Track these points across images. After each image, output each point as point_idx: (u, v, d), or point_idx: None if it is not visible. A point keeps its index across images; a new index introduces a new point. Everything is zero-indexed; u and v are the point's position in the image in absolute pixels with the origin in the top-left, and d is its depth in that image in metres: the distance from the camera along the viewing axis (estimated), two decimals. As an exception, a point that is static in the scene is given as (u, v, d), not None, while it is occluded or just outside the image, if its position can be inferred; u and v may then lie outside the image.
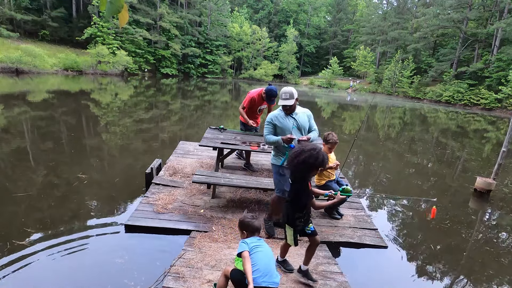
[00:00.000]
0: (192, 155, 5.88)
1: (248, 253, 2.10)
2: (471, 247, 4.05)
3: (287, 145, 3.02)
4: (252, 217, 2.29)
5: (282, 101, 3.05)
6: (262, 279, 2.04)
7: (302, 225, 2.47)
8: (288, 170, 3.21)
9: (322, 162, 2.25)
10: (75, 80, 22.67)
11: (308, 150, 2.24)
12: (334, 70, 44.74)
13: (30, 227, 3.40)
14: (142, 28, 33.56)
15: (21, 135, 7.43)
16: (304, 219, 2.47)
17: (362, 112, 19.70)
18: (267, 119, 3.19)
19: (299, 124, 3.12)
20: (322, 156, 2.25)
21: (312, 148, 2.26)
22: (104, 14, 18.14)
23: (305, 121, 3.16)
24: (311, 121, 3.24)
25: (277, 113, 3.18)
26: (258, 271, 2.05)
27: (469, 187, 6.17)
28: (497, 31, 29.96)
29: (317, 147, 2.29)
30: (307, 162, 2.24)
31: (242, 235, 2.29)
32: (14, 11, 27.94)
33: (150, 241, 3.30)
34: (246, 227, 2.25)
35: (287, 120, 3.12)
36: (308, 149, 2.26)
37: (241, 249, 2.12)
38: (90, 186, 4.67)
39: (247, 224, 2.24)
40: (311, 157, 2.22)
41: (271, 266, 2.15)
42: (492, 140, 13.30)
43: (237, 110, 8.80)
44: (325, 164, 2.28)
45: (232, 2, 50.86)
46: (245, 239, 2.22)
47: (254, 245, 2.17)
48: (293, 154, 2.29)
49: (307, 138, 3.07)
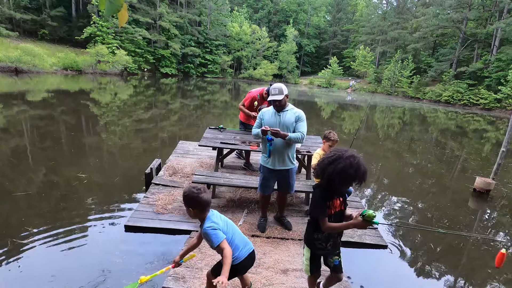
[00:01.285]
0: (191, 155, 5.87)
1: (226, 241, 1.87)
2: (470, 246, 4.05)
3: (265, 137, 3.06)
4: (199, 190, 1.88)
5: (272, 96, 3.07)
6: (243, 251, 2.00)
7: (322, 250, 2.06)
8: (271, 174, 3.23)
9: (363, 175, 1.79)
10: (75, 80, 22.63)
11: (347, 158, 1.78)
12: (333, 70, 44.74)
13: (30, 227, 3.40)
14: (142, 27, 33.51)
15: (20, 134, 7.41)
16: (326, 244, 2.04)
17: (361, 112, 19.71)
18: (259, 114, 3.29)
19: (282, 121, 3.11)
20: (364, 167, 1.79)
21: (351, 155, 1.80)
22: (103, 14, 18.15)
23: (289, 120, 3.11)
24: (298, 123, 3.10)
25: (268, 109, 3.26)
26: (237, 247, 1.96)
27: (468, 187, 6.18)
28: (496, 31, 29.98)
29: (356, 154, 1.83)
30: (347, 173, 1.77)
31: (190, 212, 1.90)
32: (13, 10, 27.88)
33: (149, 242, 3.29)
34: (193, 203, 1.86)
35: (274, 116, 3.15)
36: (347, 156, 1.80)
37: (218, 239, 1.84)
38: (89, 186, 4.66)
39: (195, 200, 1.85)
40: (351, 167, 1.76)
41: (240, 233, 2.07)
42: (492, 140, 13.32)
43: (236, 110, 8.80)
44: (366, 178, 1.81)
45: (232, 2, 50.81)
46: (206, 220, 1.89)
47: (222, 222, 1.95)
48: (327, 159, 1.85)
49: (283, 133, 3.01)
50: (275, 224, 3.65)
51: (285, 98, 3.10)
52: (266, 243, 3.26)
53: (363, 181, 1.82)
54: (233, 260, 1.92)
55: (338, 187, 1.89)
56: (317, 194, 1.98)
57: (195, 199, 1.85)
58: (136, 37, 32.66)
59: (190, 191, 1.86)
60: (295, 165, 3.34)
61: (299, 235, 3.44)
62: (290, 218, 3.75)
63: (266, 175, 3.28)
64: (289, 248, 3.22)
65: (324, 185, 1.91)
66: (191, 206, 1.87)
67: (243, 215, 3.79)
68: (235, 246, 1.95)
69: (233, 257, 1.92)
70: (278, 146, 3.12)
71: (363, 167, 1.78)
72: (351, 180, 1.81)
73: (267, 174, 3.27)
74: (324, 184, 1.91)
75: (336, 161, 1.80)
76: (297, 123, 3.11)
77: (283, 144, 3.12)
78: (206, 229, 1.86)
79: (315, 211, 1.99)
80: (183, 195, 1.90)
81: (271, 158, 3.18)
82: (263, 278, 2.67)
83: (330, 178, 1.81)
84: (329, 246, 2.04)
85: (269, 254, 3.05)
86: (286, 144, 3.13)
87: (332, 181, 1.82)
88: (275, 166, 3.20)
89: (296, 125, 3.10)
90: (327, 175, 1.83)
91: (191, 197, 1.85)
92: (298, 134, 3.06)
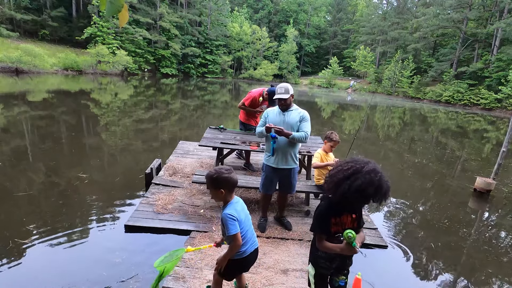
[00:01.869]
0: (192, 155, 5.87)
1: (239, 235, 1.85)
2: (470, 246, 4.05)
3: (269, 134, 3.09)
4: (228, 170, 1.85)
5: (278, 95, 3.12)
6: (251, 246, 1.98)
7: (326, 269, 1.83)
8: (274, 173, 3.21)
9: (385, 195, 1.54)
10: (75, 80, 22.65)
11: (366, 173, 1.52)
12: (334, 70, 44.75)
13: (30, 226, 3.41)
14: (142, 27, 33.55)
15: (21, 135, 7.42)
16: (331, 263, 1.81)
17: (362, 112, 19.70)
18: (263, 113, 3.32)
19: (286, 120, 3.14)
20: (386, 185, 1.53)
21: (372, 170, 1.53)
22: (104, 14, 18.17)
23: (293, 119, 3.14)
24: (303, 122, 3.13)
25: (273, 108, 3.29)
26: (247, 241, 1.93)
27: (469, 187, 6.17)
28: (497, 31, 29.97)
29: (378, 169, 1.56)
30: (365, 192, 1.51)
31: (218, 194, 1.85)
32: (14, 11, 27.92)
33: (150, 242, 3.29)
34: (224, 183, 1.82)
35: (278, 115, 3.18)
36: (367, 171, 1.52)
37: (233, 230, 1.81)
38: (90, 186, 4.67)
39: (225, 179, 1.82)
40: (371, 185, 1.50)
41: (252, 226, 2.02)
42: (492, 140, 13.31)
43: (237, 110, 8.80)
44: (387, 197, 1.55)
45: (232, 2, 50.84)
46: (229, 205, 1.88)
47: (243, 214, 1.92)
48: (343, 172, 1.59)
49: (287, 132, 3.05)
50: (275, 224, 3.65)
51: (291, 97, 3.14)
52: (266, 243, 3.26)
53: (384, 201, 1.56)
54: (242, 253, 1.94)
55: (353, 204, 1.65)
56: (322, 208, 1.73)
57: (226, 179, 1.82)
58: (137, 37, 32.71)
59: (221, 172, 1.83)
60: (297, 165, 3.36)
61: (299, 235, 3.44)
62: (290, 218, 3.75)
63: (269, 174, 3.29)
64: (289, 248, 3.22)
65: (334, 200, 1.65)
66: (222, 187, 1.83)
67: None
68: (246, 239, 1.95)
69: (242, 250, 1.93)
70: (282, 145, 3.14)
71: (385, 185, 1.52)
72: (369, 199, 1.55)
73: (270, 173, 3.28)
74: (335, 199, 1.64)
75: (353, 175, 1.53)
76: (301, 122, 3.14)
77: (287, 143, 3.14)
78: (226, 214, 1.83)
79: (314, 225, 1.76)
80: (212, 177, 1.83)
81: (274, 157, 3.20)
82: (263, 278, 2.67)
83: (345, 196, 1.55)
84: (334, 265, 1.81)
85: (269, 254, 3.05)
86: (289, 143, 3.15)
87: (346, 198, 1.56)
88: (278, 165, 3.21)
89: (300, 124, 3.13)
90: (341, 192, 1.56)
91: (223, 178, 1.81)
92: (302, 134, 3.09)
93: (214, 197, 1.90)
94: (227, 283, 2.45)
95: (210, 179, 1.84)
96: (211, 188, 1.86)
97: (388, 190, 1.55)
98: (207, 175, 1.87)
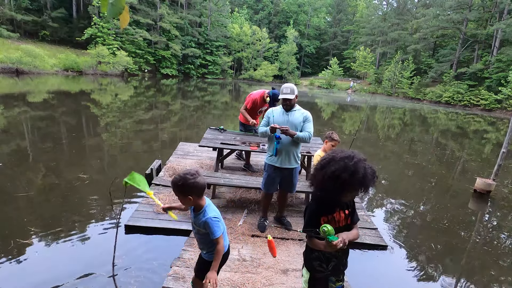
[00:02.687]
0: (192, 156, 5.88)
1: (222, 236, 1.81)
2: (470, 247, 4.05)
3: (273, 135, 3.11)
4: (194, 174, 1.74)
5: (283, 95, 3.14)
6: (227, 241, 1.98)
7: (322, 272, 1.71)
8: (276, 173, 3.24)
9: (363, 180, 1.45)
10: (75, 81, 22.67)
11: (341, 159, 1.47)
12: (334, 71, 44.76)
13: (31, 226, 3.41)
14: (142, 28, 33.59)
15: (21, 135, 7.43)
16: (327, 265, 1.70)
17: (362, 113, 19.71)
18: (266, 113, 3.34)
19: (290, 120, 3.17)
20: (363, 170, 1.44)
21: (347, 156, 1.48)
22: (105, 15, 18.16)
23: (297, 119, 3.18)
24: (306, 123, 3.18)
25: (275, 108, 3.31)
26: (225, 237, 1.93)
27: (469, 188, 6.18)
28: (496, 32, 29.98)
29: (357, 156, 1.50)
30: (339, 178, 1.44)
31: (187, 201, 1.75)
32: (14, 12, 27.95)
33: (150, 242, 3.30)
34: (191, 189, 1.72)
35: (282, 115, 3.21)
36: (341, 157, 1.48)
37: (220, 232, 1.78)
38: (91, 186, 4.67)
39: (192, 185, 1.71)
40: (345, 170, 1.44)
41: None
42: (492, 141, 13.31)
43: (237, 111, 8.82)
44: (368, 183, 1.47)
45: (232, 3, 50.91)
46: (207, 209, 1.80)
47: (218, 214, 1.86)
48: (320, 163, 1.58)
49: (292, 132, 3.08)
50: (275, 224, 3.66)
51: (295, 98, 3.18)
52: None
53: (365, 187, 1.47)
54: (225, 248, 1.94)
55: (335, 196, 1.55)
56: (312, 207, 1.67)
57: (193, 184, 1.71)
58: (137, 38, 32.74)
59: (186, 178, 1.71)
60: (299, 164, 3.38)
61: (299, 235, 3.45)
62: (290, 218, 3.76)
63: (272, 173, 3.30)
64: (289, 248, 3.23)
65: (317, 196, 1.62)
66: (190, 193, 1.73)
67: (243, 215, 3.80)
68: (224, 234, 1.95)
69: (226, 244, 1.94)
70: (286, 145, 3.17)
71: (363, 171, 1.43)
72: (349, 187, 1.47)
73: (273, 173, 3.29)
74: (317, 194, 1.61)
75: (328, 164, 1.50)
76: (304, 123, 3.19)
77: (291, 143, 3.17)
78: (211, 219, 1.77)
79: (304, 225, 1.68)
80: (177, 184, 1.72)
81: (277, 157, 3.22)
82: (263, 278, 2.68)
83: (322, 186, 1.52)
84: (330, 267, 1.71)
85: (269, 254, 3.05)
86: (293, 143, 3.19)
87: (324, 189, 1.51)
88: (281, 165, 3.24)
89: (303, 125, 3.18)
90: (317, 183, 1.54)
91: (190, 184, 1.70)
92: (306, 134, 3.14)
93: (184, 203, 1.81)
94: (227, 283, 2.46)
95: (176, 186, 1.73)
96: (179, 195, 1.76)
97: (367, 175, 1.44)
98: (173, 182, 1.75)
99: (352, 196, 1.62)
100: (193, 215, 1.86)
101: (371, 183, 1.47)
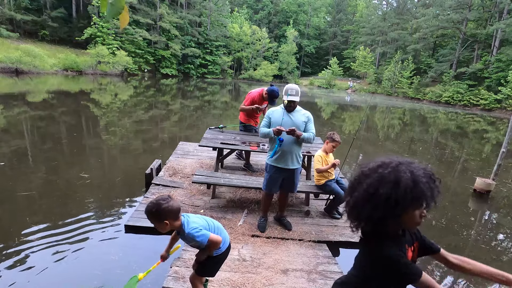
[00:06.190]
0: (192, 155, 5.88)
1: (213, 235, 1.89)
2: (470, 247, 4.06)
3: (277, 137, 3.08)
4: (167, 199, 1.74)
5: (290, 96, 3.10)
6: (226, 240, 2.06)
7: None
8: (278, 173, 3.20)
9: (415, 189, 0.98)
10: (75, 80, 22.66)
11: (372, 171, 1.07)
12: (333, 71, 44.76)
13: (32, 226, 3.42)
14: (142, 28, 33.56)
15: (21, 135, 7.43)
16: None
17: (361, 113, 19.71)
18: (266, 113, 3.30)
19: (293, 121, 3.15)
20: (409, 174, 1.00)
21: (380, 165, 1.07)
22: (105, 15, 18.13)
23: (299, 120, 3.17)
24: (308, 124, 3.19)
25: (276, 108, 3.28)
26: (224, 239, 2.01)
27: (468, 188, 6.18)
28: (496, 32, 29.98)
29: (395, 159, 1.10)
30: (376, 197, 1.01)
31: (163, 226, 1.74)
32: (14, 11, 27.92)
33: (150, 242, 3.30)
34: (166, 214, 1.71)
35: (283, 116, 3.18)
36: (374, 167, 1.08)
37: (205, 237, 1.84)
38: (91, 186, 4.68)
39: (167, 210, 1.71)
40: (383, 183, 1.01)
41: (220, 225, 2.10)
42: (492, 140, 13.32)
43: (236, 110, 8.81)
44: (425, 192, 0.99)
45: (232, 3, 50.88)
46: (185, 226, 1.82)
47: (201, 220, 1.94)
48: (348, 186, 1.15)
49: (299, 132, 3.06)
50: (275, 224, 3.66)
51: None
52: (266, 243, 3.27)
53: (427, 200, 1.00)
54: (219, 248, 1.99)
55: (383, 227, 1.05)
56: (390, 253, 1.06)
57: (168, 209, 1.71)
58: (137, 38, 32.72)
59: (159, 204, 1.71)
60: (300, 165, 3.38)
61: (299, 235, 3.45)
62: (290, 218, 3.76)
63: (274, 174, 3.28)
64: (289, 248, 3.23)
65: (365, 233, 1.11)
66: (166, 218, 1.72)
67: (243, 215, 3.80)
68: (221, 232, 2.03)
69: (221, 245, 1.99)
70: (288, 146, 3.16)
71: (407, 176, 0.98)
72: (399, 207, 0.98)
73: (275, 173, 3.28)
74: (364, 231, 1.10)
75: (358, 184, 1.07)
76: (307, 124, 3.18)
77: (294, 144, 3.17)
78: (190, 232, 1.80)
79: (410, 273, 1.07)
80: (152, 211, 1.71)
81: (280, 157, 3.20)
82: (263, 278, 2.68)
83: (359, 216, 1.06)
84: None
85: (269, 254, 3.05)
86: (296, 144, 3.18)
87: (366, 219, 1.04)
88: (284, 165, 3.23)
89: (306, 125, 3.18)
90: (350, 209, 1.08)
91: (164, 209, 1.70)
92: (310, 134, 3.14)
93: (161, 229, 1.78)
94: (227, 283, 2.46)
95: (151, 214, 1.72)
96: (155, 222, 1.75)
97: (419, 182, 0.98)
98: (147, 211, 1.73)
99: (413, 220, 1.05)
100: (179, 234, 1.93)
101: (432, 192, 0.99)
